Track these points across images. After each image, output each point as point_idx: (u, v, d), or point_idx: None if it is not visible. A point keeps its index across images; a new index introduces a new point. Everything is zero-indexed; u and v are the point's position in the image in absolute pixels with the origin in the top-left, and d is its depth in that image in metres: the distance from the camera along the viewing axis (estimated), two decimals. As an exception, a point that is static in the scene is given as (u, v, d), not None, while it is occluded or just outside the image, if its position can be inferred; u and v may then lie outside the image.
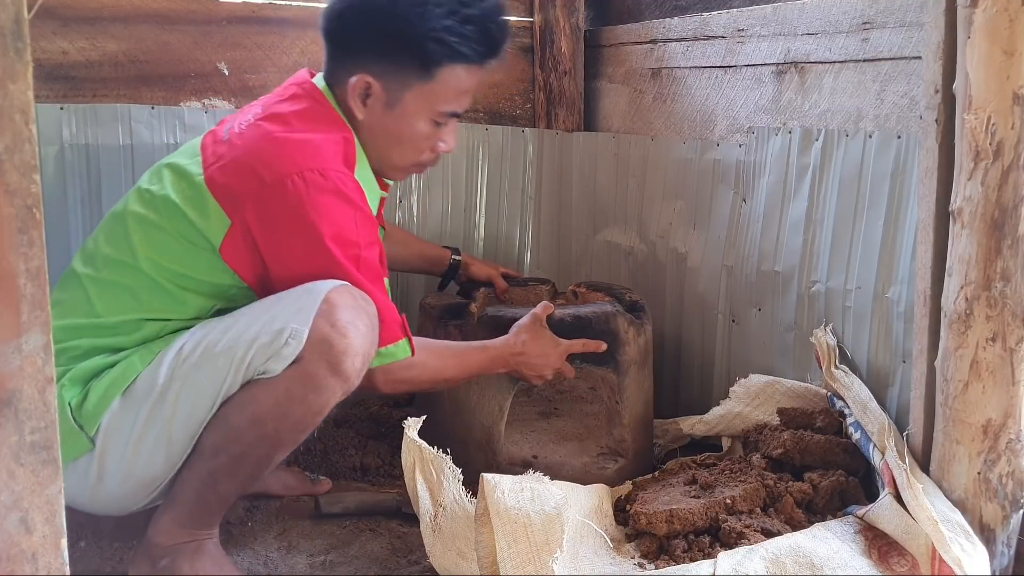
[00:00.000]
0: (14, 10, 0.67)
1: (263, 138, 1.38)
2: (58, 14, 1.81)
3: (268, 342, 1.26)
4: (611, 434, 1.71)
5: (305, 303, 1.28)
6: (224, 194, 1.36)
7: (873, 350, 1.58)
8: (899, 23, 1.50)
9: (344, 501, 1.62)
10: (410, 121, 1.48)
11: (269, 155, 1.35)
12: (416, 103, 1.46)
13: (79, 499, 1.34)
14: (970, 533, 1.18)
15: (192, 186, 1.38)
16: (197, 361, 1.29)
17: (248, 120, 1.43)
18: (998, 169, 1.14)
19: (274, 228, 1.35)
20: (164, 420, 1.28)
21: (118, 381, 1.31)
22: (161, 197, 1.39)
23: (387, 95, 1.46)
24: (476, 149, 2.26)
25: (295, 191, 1.33)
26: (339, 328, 1.27)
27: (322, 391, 1.28)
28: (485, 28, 1.46)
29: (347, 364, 1.28)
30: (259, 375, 1.28)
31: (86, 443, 1.30)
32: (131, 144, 1.87)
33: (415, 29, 1.41)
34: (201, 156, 1.41)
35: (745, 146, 1.84)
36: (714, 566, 1.19)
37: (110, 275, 1.38)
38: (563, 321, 1.65)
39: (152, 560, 1.33)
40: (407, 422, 1.32)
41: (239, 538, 1.52)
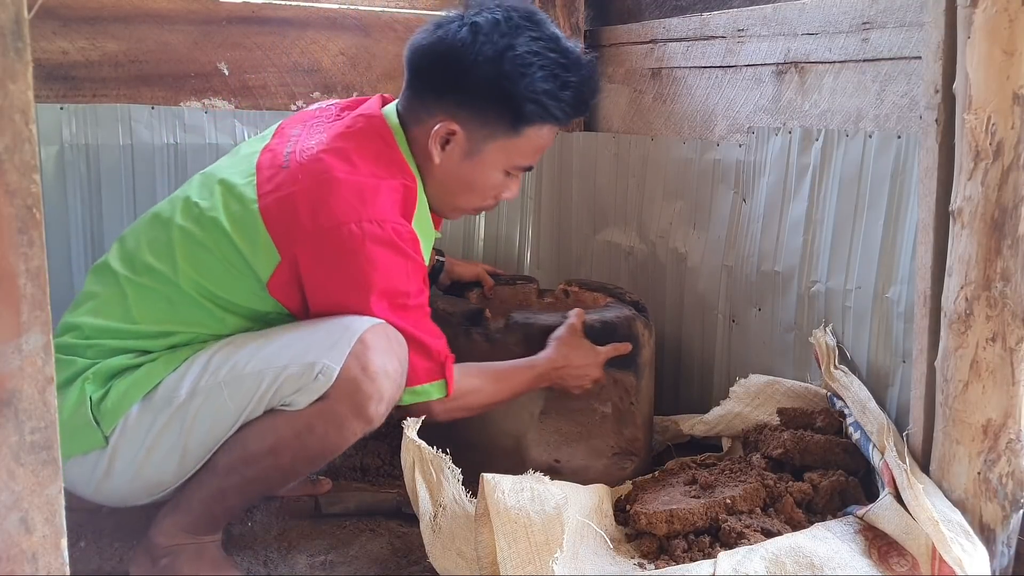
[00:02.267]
0: (14, 10, 0.67)
1: (324, 176, 1.33)
2: (58, 14, 1.81)
3: (298, 374, 1.25)
4: (621, 434, 1.71)
5: (340, 339, 1.27)
6: (278, 228, 1.32)
7: (873, 350, 1.58)
8: (899, 23, 1.50)
9: (344, 501, 1.62)
10: (486, 171, 1.47)
11: (328, 197, 1.31)
12: (496, 155, 1.45)
13: (83, 490, 1.34)
14: (970, 533, 1.18)
15: (245, 212, 1.34)
16: (223, 379, 1.28)
17: (310, 149, 1.38)
18: (998, 169, 1.14)
19: (324, 273, 1.32)
20: (181, 431, 1.28)
21: (140, 383, 1.30)
22: (211, 218, 1.35)
23: (469, 144, 1.44)
24: (476, 149, 2.25)
25: (351, 239, 1.30)
26: (370, 373, 1.26)
27: (343, 431, 1.29)
28: (581, 94, 1.46)
29: (372, 409, 1.28)
30: (283, 405, 1.28)
31: (100, 439, 1.29)
32: (131, 144, 1.87)
33: (515, 88, 1.39)
34: (256, 178, 1.37)
35: (745, 146, 1.84)
36: (714, 566, 1.19)
37: (149, 282, 1.36)
38: (592, 327, 1.65)
39: (153, 559, 1.34)
40: (406, 422, 1.32)
41: (239, 538, 1.52)
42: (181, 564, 1.33)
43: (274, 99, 2.00)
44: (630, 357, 1.69)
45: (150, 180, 1.88)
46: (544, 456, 1.67)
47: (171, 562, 1.33)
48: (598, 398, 1.68)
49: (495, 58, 1.38)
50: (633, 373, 1.70)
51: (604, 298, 1.86)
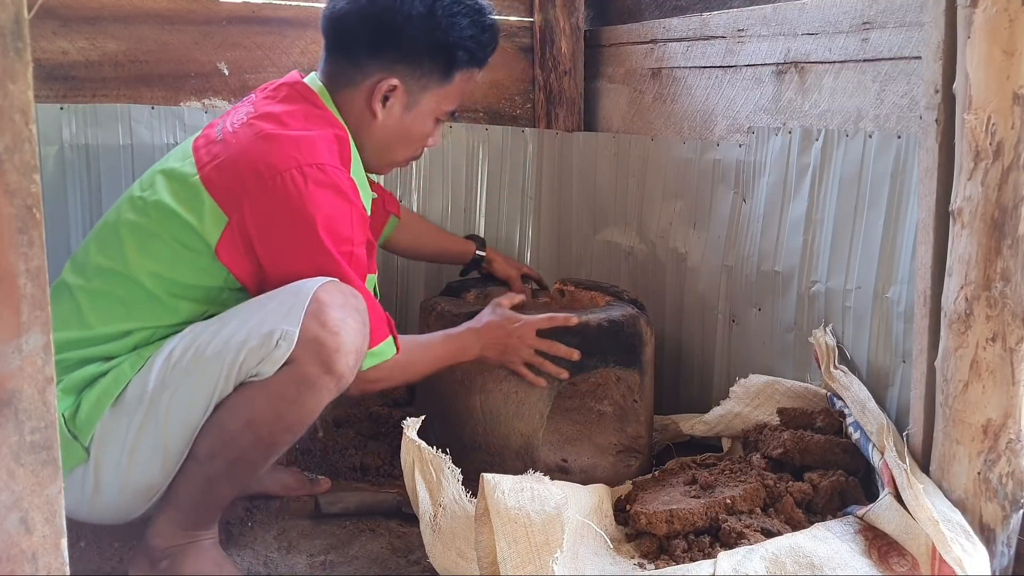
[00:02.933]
0: (14, 10, 0.67)
1: (259, 136, 1.38)
2: (58, 14, 1.81)
3: (258, 345, 1.25)
4: (624, 431, 1.71)
5: (294, 303, 1.28)
6: (221, 191, 1.35)
7: (873, 350, 1.58)
8: (899, 23, 1.50)
9: (344, 501, 1.62)
10: (422, 120, 1.54)
11: (266, 152, 1.35)
12: (430, 104, 1.53)
13: (78, 510, 1.33)
14: (970, 533, 1.18)
15: (187, 187, 1.38)
16: (187, 367, 1.28)
17: (241, 119, 1.43)
18: (998, 169, 1.14)
19: (271, 222, 1.34)
20: (158, 428, 1.28)
21: (109, 389, 1.30)
22: (153, 202, 1.38)
23: (408, 97, 1.50)
24: (476, 149, 2.26)
25: (294, 185, 1.33)
26: (330, 327, 1.27)
27: (316, 390, 1.28)
28: (494, 36, 1.56)
29: (340, 362, 1.28)
30: (251, 377, 1.27)
31: (81, 453, 1.29)
32: (131, 144, 1.87)
33: (446, 38, 1.48)
34: (194, 157, 1.41)
35: (745, 146, 1.85)
36: (714, 566, 1.19)
37: (101, 284, 1.37)
38: (600, 327, 1.66)
39: (152, 561, 1.33)
40: (406, 422, 1.32)
41: (239, 538, 1.52)
42: (181, 564, 1.33)
43: (274, 99, 1.99)
44: (634, 355, 1.70)
45: (150, 180, 1.88)
46: (553, 456, 1.67)
47: (171, 563, 1.33)
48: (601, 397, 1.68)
49: (427, 12, 1.47)
50: (637, 371, 1.71)
51: (602, 297, 1.86)
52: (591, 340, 1.65)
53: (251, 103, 1.48)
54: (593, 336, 1.65)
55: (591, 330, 1.65)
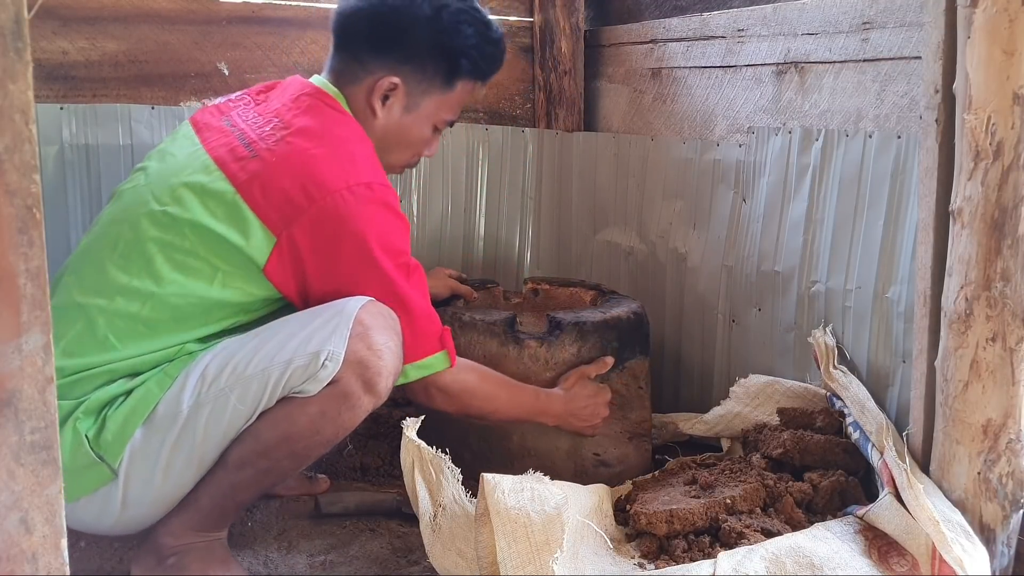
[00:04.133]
0: (14, 10, 0.67)
1: (303, 155, 1.36)
2: (58, 14, 1.81)
3: (305, 364, 1.27)
4: (628, 418, 1.72)
5: (338, 324, 1.29)
6: (267, 211, 1.33)
7: (873, 350, 1.58)
8: (899, 23, 1.50)
9: (344, 501, 1.62)
10: (420, 125, 1.55)
11: (314, 172, 1.34)
12: (430, 109, 1.54)
13: (99, 526, 1.34)
14: (970, 533, 1.18)
15: (226, 206, 1.34)
16: (227, 384, 1.28)
17: (272, 135, 1.39)
18: (998, 169, 1.14)
19: (325, 243, 1.34)
20: (194, 444, 1.28)
21: (138, 410, 1.29)
22: (187, 220, 1.34)
23: (408, 99, 1.52)
24: (476, 149, 2.26)
25: (345, 205, 1.34)
26: (375, 350, 1.30)
27: (356, 409, 1.32)
28: (500, 51, 1.59)
29: (381, 383, 1.32)
30: (294, 393, 1.29)
31: (108, 474, 1.28)
32: (131, 144, 1.87)
33: (451, 44, 1.51)
34: (223, 172, 1.36)
35: (745, 146, 1.84)
36: (714, 566, 1.19)
37: (125, 305, 1.33)
38: (629, 320, 1.70)
39: (159, 558, 1.33)
40: (406, 422, 1.32)
41: (239, 538, 1.52)
42: (189, 563, 1.33)
43: (274, 99, 1.99)
44: (642, 343, 1.74)
45: (150, 180, 1.88)
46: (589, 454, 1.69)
47: (179, 561, 1.33)
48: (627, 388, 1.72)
49: (433, 15, 1.49)
50: (645, 358, 1.74)
51: (586, 292, 1.88)
52: (624, 334, 1.70)
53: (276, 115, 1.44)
54: (624, 330, 1.70)
55: (623, 324, 1.70)
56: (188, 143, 1.46)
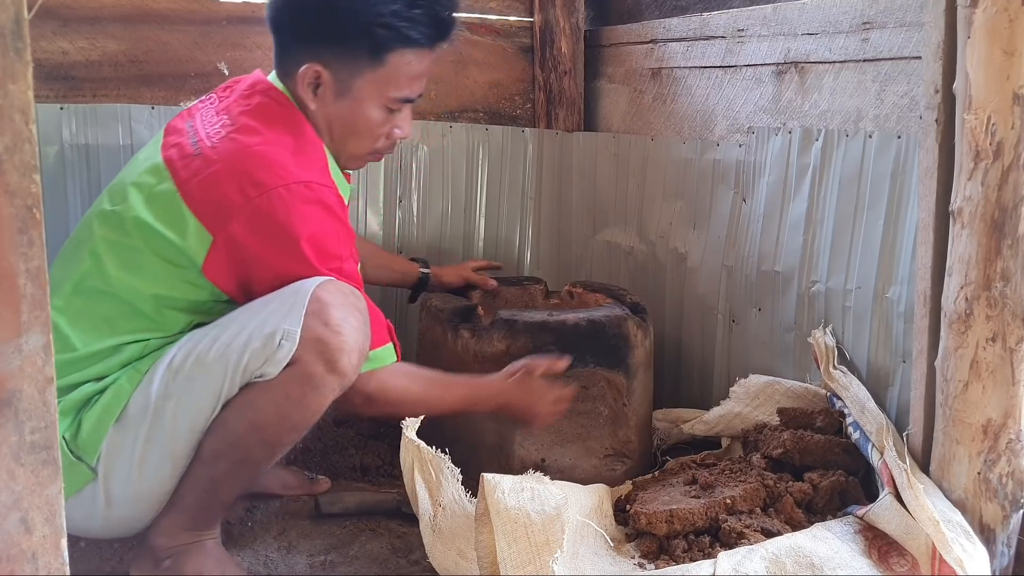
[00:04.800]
0: (14, 10, 0.67)
1: (242, 152, 1.34)
2: (58, 14, 1.81)
3: (261, 346, 1.25)
4: (615, 436, 1.71)
5: (294, 303, 1.27)
6: (204, 210, 1.32)
7: (873, 350, 1.58)
8: (899, 23, 1.50)
9: (344, 501, 1.62)
10: (363, 108, 1.46)
11: (252, 169, 1.33)
12: (367, 90, 1.45)
13: (92, 528, 1.33)
14: (970, 533, 1.18)
15: (166, 204, 1.34)
16: (190, 373, 1.28)
17: (217, 132, 1.39)
18: (998, 169, 1.14)
19: (259, 241, 1.32)
20: (165, 437, 1.28)
21: (110, 407, 1.29)
22: (132, 218, 1.35)
23: (337, 83, 1.44)
24: (476, 149, 2.26)
25: (281, 203, 1.31)
26: (332, 325, 1.27)
27: (320, 390, 1.28)
28: (433, 11, 1.44)
29: (343, 360, 1.28)
30: (256, 378, 1.27)
31: (87, 473, 1.29)
32: (131, 144, 1.87)
33: (363, 16, 1.40)
34: (170, 171, 1.37)
35: (745, 146, 1.84)
36: (714, 566, 1.19)
37: (81, 304, 1.35)
38: (578, 326, 1.66)
39: (155, 561, 1.34)
40: (405, 422, 1.32)
41: (239, 538, 1.52)
42: (184, 564, 1.33)
43: (274, 99, 1.99)
44: (619, 357, 1.69)
45: (150, 180, 1.88)
46: (532, 454, 1.67)
47: (174, 562, 1.33)
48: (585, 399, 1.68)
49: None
50: (623, 373, 1.70)
51: (605, 299, 1.86)
52: (567, 339, 1.65)
53: (225, 111, 1.44)
54: (569, 335, 1.65)
55: (567, 329, 1.65)
56: (152, 146, 1.47)
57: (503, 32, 2.29)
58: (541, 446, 1.68)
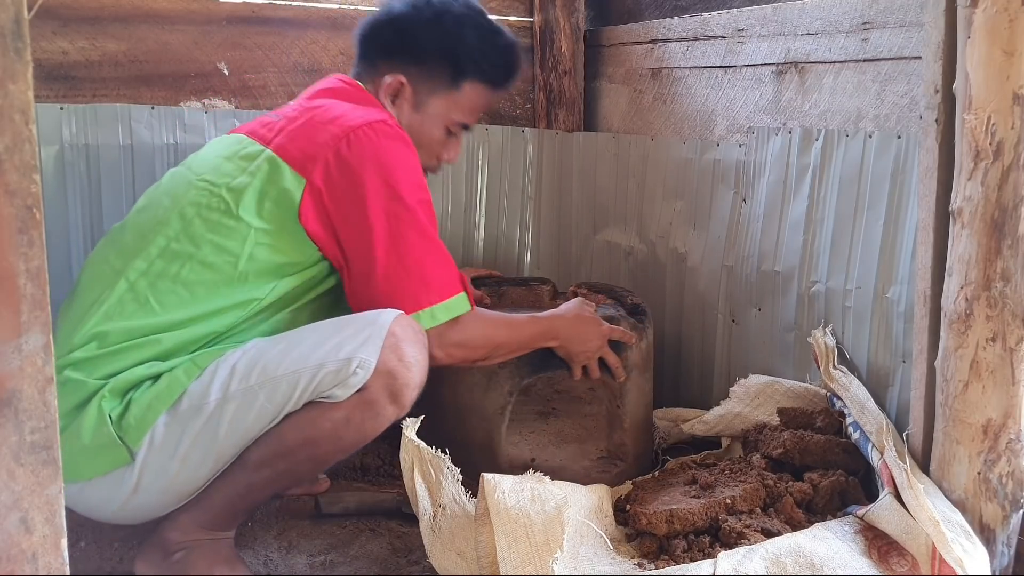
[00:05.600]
0: (14, 10, 0.67)
1: (325, 109, 1.46)
2: (58, 14, 1.81)
3: (336, 370, 1.28)
4: (611, 438, 1.71)
5: (371, 333, 1.31)
6: (295, 155, 1.40)
7: (873, 350, 1.58)
8: (899, 23, 1.50)
9: (344, 501, 1.62)
10: (430, 124, 1.61)
11: (335, 116, 1.44)
12: (438, 108, 1.60)
13: (104, 511, 1.33)
14: (970, 533, 1.18)
15: (258, 161, 1.41)
16: (255, 383, 1.29)
17: (295, 105, 1.52)
18: (998, 169, 1.14)
19: (351, 175, 1.39)
20: (215, 438, 1.29)
21: (163, 396, 1.30)
22: (224, 184, 1.41)
23: (415, 97, 1.59)
24: (476, 149, 2.26)
25: (367, 139, 1.41)
26: (405, 362, 1.32)
27: (380, 418, 1.33)
28: (509, 59, 1.65)
29: (406, 395, 1.34)
30: (321, 398, 1.30)
31: (126, 456, 1.29)
32: (131, 144, 1.87)
33: (454, 43, 1.58)
34: (254, 138, 1.46)
35: (745, 146, 1.84)
36: (714, 566, 1.19)
37: (164, 266, 1.37)
38: None
39: (165, 553, 1.34)
40: (405, 422, 1.33)
41: (239, 538, 1.52)
42: (195, 560, 1.33)
43: (274, 99, 2.00)
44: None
45: (150, 180, 1.87)
46: (522, 454, 1.67)
47: (185, 557, 1.33)
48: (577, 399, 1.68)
49: (434, 18, 1.59)
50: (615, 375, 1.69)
51: (607, 300, 1.85)
52: None
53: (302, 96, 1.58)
54: None
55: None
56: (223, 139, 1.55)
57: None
58: (534, 446, 1.68)
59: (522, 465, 1.66)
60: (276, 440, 1.30)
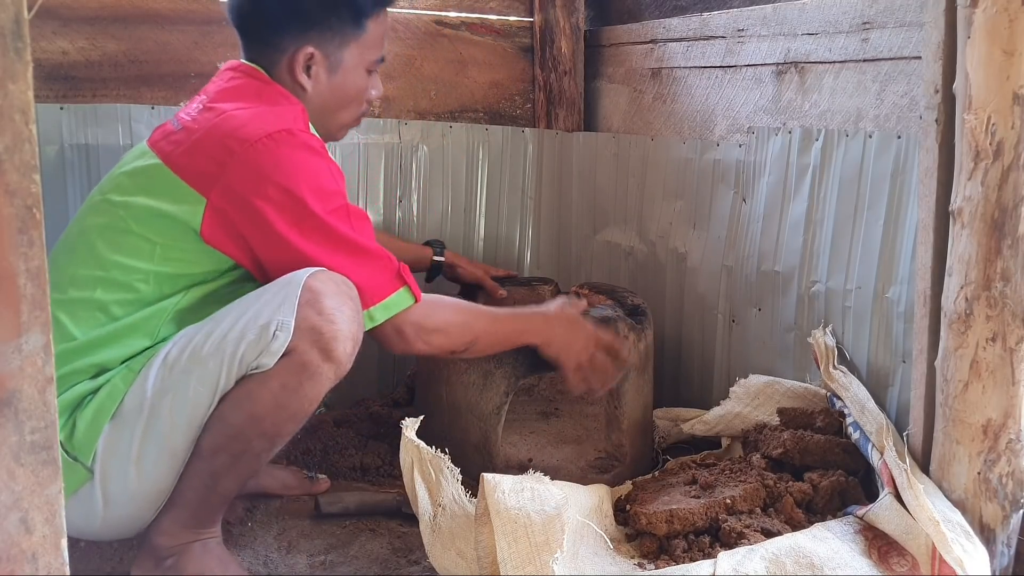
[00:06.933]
0: (14, 10, 0.67)
1: (222, 116, 1.38)
2: (58, 14, 1.81)
3: (256, 338, 1.26)
4: (609, 439, 1.71)
5: (287, 294, 1.28)
6: (193, 174, 1.34)
7: (873, 350, 1.58)
8: (899, 23, 1.50)
9: (344, 501, 1.62)
10: (352, 77, 1.53)
11: (233, 127, 1.36)
12: (354, 58, 1.52)
13: (91, 529, 1.33)
14: (970, 533, 1.18)
15: (155, 176, 1.36)
16: (185, 367, 1.28)
17: (196, 108, 1.43)
18: (998, 169, 1.14)
19: (253, 194, 1.33)
20: (162, 433, 1.28)
21: (105, 406, 1.29)
22: (122, 201, 1.37)
23: (328, 59, 1.50)
24: (476, 149, 2.26)
25: (267, 152, 1.33)
26: (326, 315, 1.27)
27: (316, 378, 1.29)
28: None
29: (339, 349, 1.29)
30: (252, 371, 1.28)
31: (84, 473, 1.29)
32: (131, 144, 1.87)
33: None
34: (154, 151, 1.40)
35: (745, 146, 1.85)
36: (714, 566, 1.19)
37: (77, 293, 1.35)
38: None
39: (156, 560, 1.33)
40: (405, 422, 1.32)
41: (239, 538, 1.52)
42: (186, 563, 1.32)
43: (274, 99, 1.99)
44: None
45: (150, 180, 1.88)
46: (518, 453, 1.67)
47: (176, 562, 1.33)
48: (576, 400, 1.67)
49: None
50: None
51: (607, 301, 1.85)
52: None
53: (203, 93, 1.49)
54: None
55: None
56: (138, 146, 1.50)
57: (503, 32, 2.29)
58: (532, 446, 1.68)
59: (518, 465, 1.66)
60: (220, 423, 1.28)
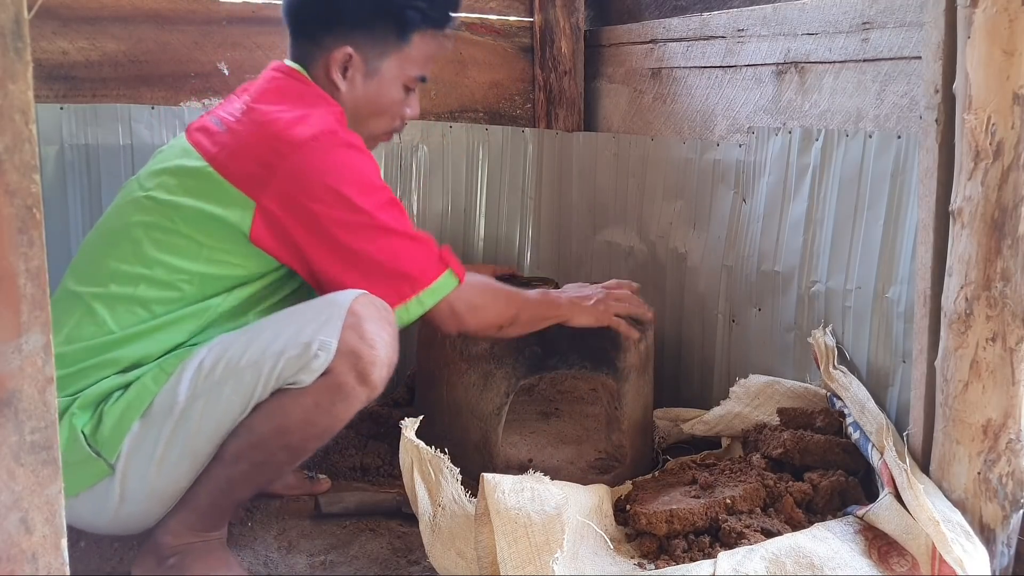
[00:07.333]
0: (14, 10, 0.67)
1: (266, 119, 1.40)
2: (58, 14, 1.81)
3: (297, 355, 1.27)
4: (609, 439, 1.71)
5: (331, 315, 1.30)
6: (241, 177, 1.36)
7: (873, 350, 1.58)
8: (899, 23, 1.50)
9: (344, 501, 1.62)
10: (388, 88, 1.55)
11: (278, 131, 1.37)
12: (393, 69, 1.54)
13: (99, 523, 1.34)
14: (970, 533, 1.18)
15: (202, 178, 1.37)
16: (221, 376, 1.28)
17: (239, 108, 1.44)
18: (998, 169, 1.14)
19: (302, 196, 1.35)
20: (189, 437, 1.28)
21: (134, 404, 1.30)
22: (168, 200, 1.38)
23: (366, 65, 1.52)
24: (476, 149, 2.26)
25: (314, 154, 1.36)
26: (367, 339, 1.29)
27: (349, 400, 1.31)
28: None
29: (375, 374, 1.31)
30: (288, 385, 1.29)
31: (105, 468, 1.29)
32: (131, 144, 1.87)
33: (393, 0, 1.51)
34: (197, 151, 1.41)
35: (745, 146, 1.84)
36: (714, 566, 1.19)
37: (118, 288, 1.36)
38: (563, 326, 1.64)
39: (159, 559, 1.34)
40: (404, 422, 1.33)
41: (239, 538, 1.52)
42: (189, 563, 1.33)
43: (274, 99, 1.99)
44: (606, 359, 1.69)
45: (150, 180, 1.88)
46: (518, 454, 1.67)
47: (179, 561, 1.33)
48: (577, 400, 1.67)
49: None
50: (612, 376, 1.69)
51: None
52: (551, 339, 1.65)
53: (245, 92, 1.50)
54: (553, 335, 1.64)
55: (551, 329, 1.64)
56: (177, 140, 1.51)
57: (503, 32, 2.29)
58: (532, 447, 1.68)
59: (518, 465, 1.66)
60: (248, 432, 1.29)
